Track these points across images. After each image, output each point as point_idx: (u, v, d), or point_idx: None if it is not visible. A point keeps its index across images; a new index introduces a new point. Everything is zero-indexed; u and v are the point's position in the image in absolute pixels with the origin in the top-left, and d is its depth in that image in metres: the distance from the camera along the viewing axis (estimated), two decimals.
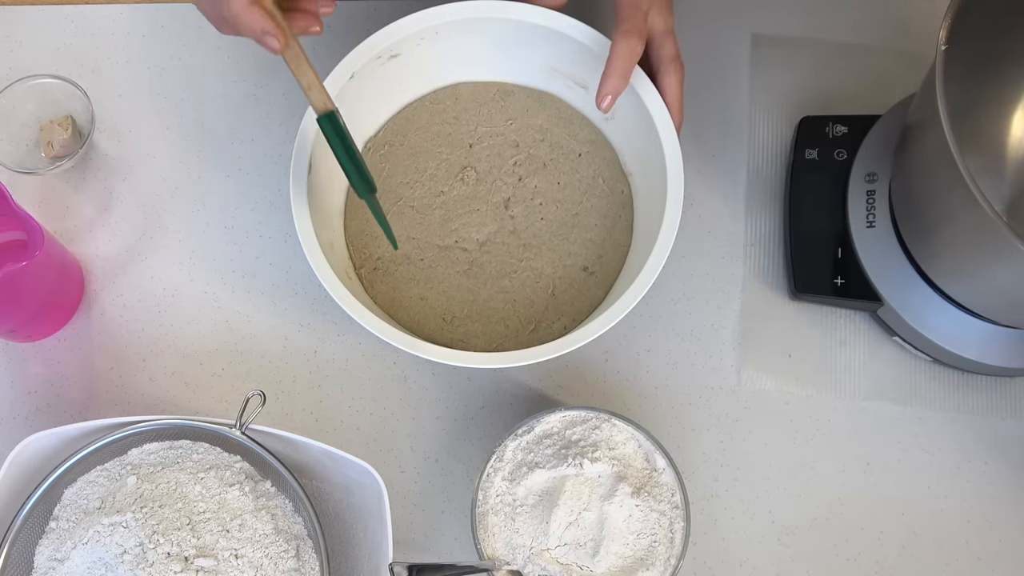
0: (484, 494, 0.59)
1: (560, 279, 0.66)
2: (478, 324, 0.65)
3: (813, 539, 0.64)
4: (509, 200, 0.67)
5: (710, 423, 0.66)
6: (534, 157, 0.68)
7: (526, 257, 0.66)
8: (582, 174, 0.68)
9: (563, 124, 0.69)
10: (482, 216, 0.67)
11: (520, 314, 0.66)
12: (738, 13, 0.74)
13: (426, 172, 0.68)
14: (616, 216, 0.67)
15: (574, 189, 0.67)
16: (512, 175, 0.68)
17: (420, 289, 0.66)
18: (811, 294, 0.66)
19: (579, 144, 0.68)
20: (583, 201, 0.67)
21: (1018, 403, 0.66)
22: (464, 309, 0.66)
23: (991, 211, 0.49)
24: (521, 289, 0.66)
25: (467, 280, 0.66)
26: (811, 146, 0.68)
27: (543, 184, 0.68)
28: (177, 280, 0.69)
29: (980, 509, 0.64)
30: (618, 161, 0.68)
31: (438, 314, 0.66)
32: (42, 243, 0.59)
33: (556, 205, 0.67)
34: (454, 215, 0.67)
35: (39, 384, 0.67)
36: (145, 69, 0.74)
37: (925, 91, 0.55)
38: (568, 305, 0.66)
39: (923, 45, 0.71)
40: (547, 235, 0.67)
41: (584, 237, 0.67)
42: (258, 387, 0.59)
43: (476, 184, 0.68)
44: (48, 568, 0.56)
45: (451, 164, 0.68)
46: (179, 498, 0.56)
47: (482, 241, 0.67)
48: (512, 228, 0.67)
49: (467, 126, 0.69)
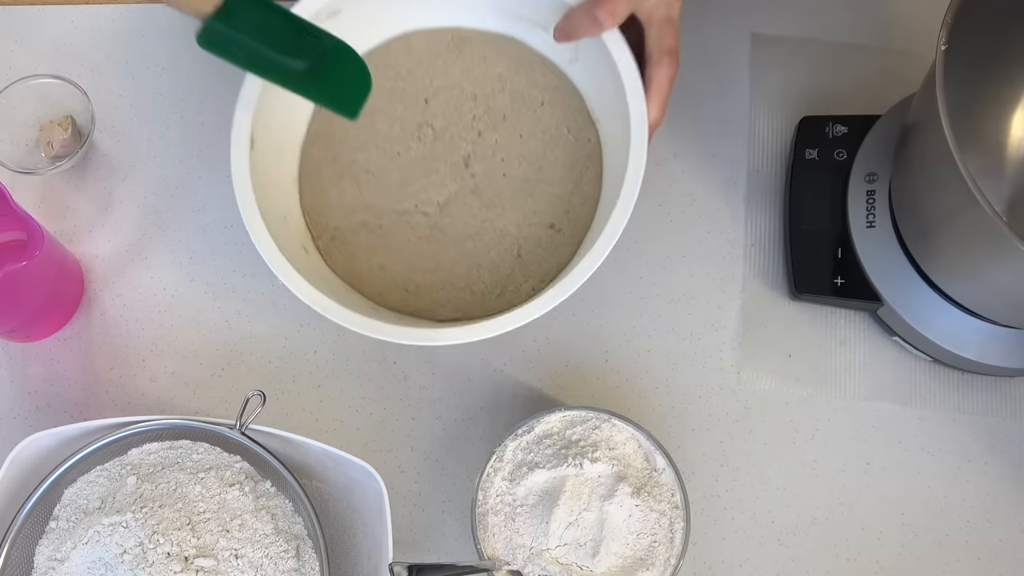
0: (484, 494, 0.59)
1: (526, 239, 0.62)
2: (442, 292, 0.62)
3: (813, 539, 0.64)
4: (469, 157, 0.63)
5: (710, 423, 0.66)
6: (493, 109, 0.64)
7: (489, 218, 0.62)
8: (545, 124, 0.63)
9: (524, 71, 0.64)
10: (441, 176, 0.63)
11: (485, 279, 0.62)
12: (738, 13, 0.74)
13: (380, 133, 0.64)
14: (583, 167, 0.63)
15: (537, 141, 0.63)
16: (471, 130, 0.63)
17: (380, 258, 0.62)
18: (811, 294, 0.66)
19: (541, 92, 0.64)
20: (547, 154, 0.63)
21: (1018, 403, 0.66)
22: (427, 277, 0.62)
23: (991, 211, 0.49)
24: (485, 252, 0.62)
25: (428, 246, 0.62)
26: (811, 146, 0.68)
27: (504, 138, 0.63)
28: (177, 280, 0.69)
29: (980, 509, 0.64)
30: (584, 107, 0.64)
31: (400, 284, 0.62)
32: (42, 243, 0.59)
33: (519, 160, 0.63)
34: (412, 177, 0.63)
35: (39, 384, 0.67)
36: (145, 69, 0.74)
37: (925, 91, 0.55)
38: (535, 266, 0.62)
39: (923, 45, 0.71)
40: (510, 193, 0.62)
41: (549, 192, 0.63)
42: (258, 387, 0.59)
43: (434, 142, 0.63)
44: (48, 568, 0.56)
45: (406, 122, 0.64)
46: (179, 498, 0.56)
47: (442, 203, 0.63)
48: (473, 187, 0.63)
49: (422, 80, 0.65)
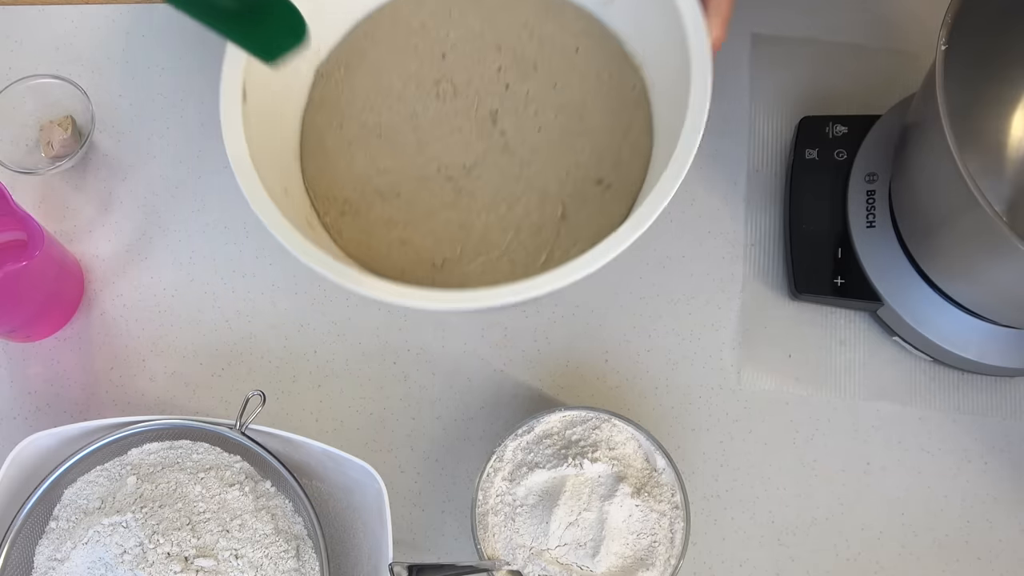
0: (484, 494, 0.58)
1: (570, 197, 0.56)
2: (476, 263, 0.55)
3: (813, 539, 0.64)
4: (496, 113, 0.57)
5: (710, 423, 0.66)
6: (522, 59, 0.57)
7: (525, 177, 0.56)
8: (583, 71, 0.57)
9: (552, 15, 0.58)
10: (466, 136, 0.57)
11: (526, 244, 0.55)
12: (738, 13, 0.73)
13: (392, 92, 0.58)
14: (630, 116, 0.56)
15: (575, 90, 0.57)
16: (497, 83, 0.57)
17: (400, 232, 0.56)
18: (811, 294, 0.66)
19: (574, 38, 0.58)
20: (587, 102, 0.57)
21: (1018, 403, 0.66)
22: (456, 248, 0.55)
23: (991, 211, 0.49)
24: (524, 216, 0.55)
25: (456, 213, 0.56)
26: (811, 146, 0.68)
27: (536, 89, 0.57)
28: (177, 280, 0.69)
29: (980, 509, 0.64)
30: (624, 52, 0.58)
31: (426, 259, 0.55)
32: (42, 243, 0.59)
33: (555, 111, 0.56)
34: (432, 139, 0.57)
35: (39, 384, 0.67)
36: (145, 69, 0.74)
37: (925, 91, 0.55)
38: (584, 227, 0.55)
39: (923, 45, 0.71)
40: (548, 147, 0.56)
41: (594, 144, 0.56)
42: (258, 387, 0.59)
43: (454, 99, 0.57)
44: (48, 568, 0.56)
45: (422, 79, 0.58)
46: (179, 498, 0.56)
47: (469, 165, 0.56)
48: (504, 145, 0.56)
49: (436, 33, 0.58)
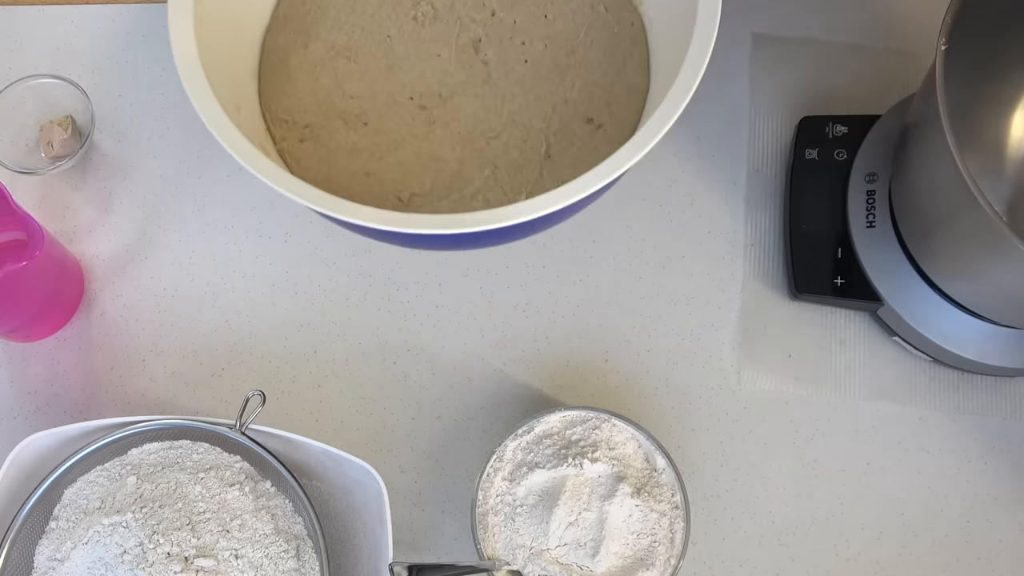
0: (484, 494, 0.58)
1: (556, 134, 0.52)
2: (447, 200, 0.51)
3: (813, 539, 0.64)
4: (480, 41, 0.53)
5: (710, 423, 0.66)
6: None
7: (507, 111, 0.52)
8: (576, 2, 0.53)
9: None
10: (444, 63, 0.53)
11: (504, 183, 0.51)
12: (738, 13, 0.74)
13: (365, 13, 0.54)
14: (626, 53, 0.53)
15: (567, 21, 0.53)
16: (482, 9, 0.54)
17: (363, 161, 0.52)
18: (811, 294, 0.66)
19: None
20: (580, 36, 0.53)
21: (1018, 403, 0.66)
22: (426, 182, 0.51)
23: (991, 211, 0.49)
24: (504, 151, 0.51)
25: (428, 144, 0.52)
26: (811, 146, 0.68)
27: (524, 18, 0.53)
28: (177, 280, 0.69)
29: (980, 509, 0.64)
30: None
31: (391, 193, 0.51)
32: (42, 243, 0.59)
33: (544, 43, 0.53)
34: (406, 64, 0.53)
35: (39, 384, 0.67)
36: (145, 69, 0.74)
37: (925, 91, 0.55)
38: (569, 167, 0.52)
39: (923, 45, 0.71)
40: (534, 80, 0.52)
41: (585, 79, 0.52)
42: (258, 387, 0.59)
43: (434, 23, 0.54)
44: (48, 568, 0.56)
45: (398, 0, 0.54)
46: (179, 498, 0.56)
47: (446, 95, 0.52)
48: (486, 75, 0.53)
49: None
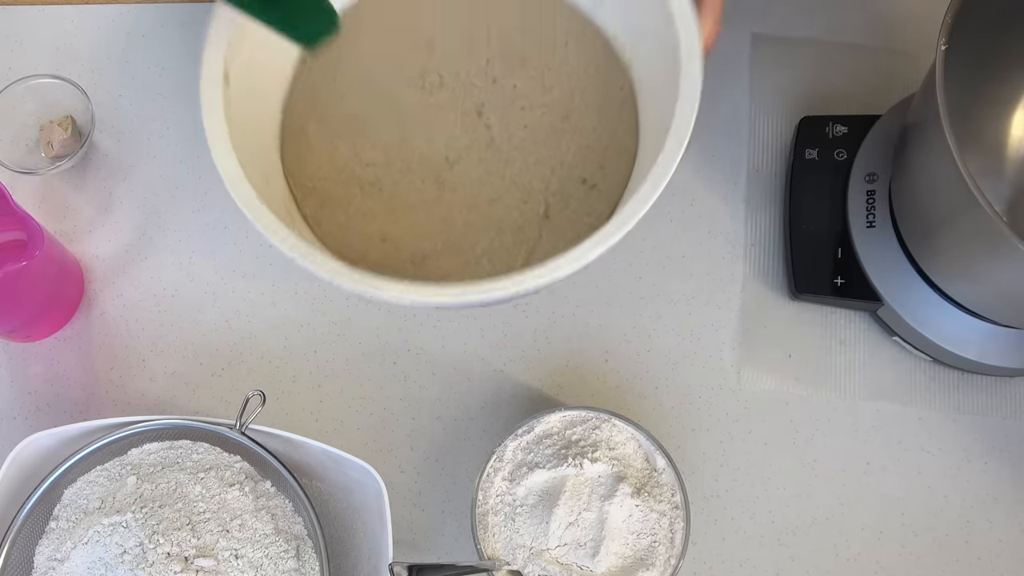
0: (484, 494, 0.58)
1: (554, 195, 0.54)
2: (456, 261, 0.54)
3: (813, 539, 0.64)
4: (483, 106, 0.56)
5: (710, 423, 0.66)
6: (510, 52, 0.56)
7: (509, 174, 0.55)
8: (571, 67, 0.56)
9: (543, 10, 0.57)
10: (450, 128, 0.56)
11: (507, 244, 0.54)
12: (738, 13, 0.74)
13: (377, 82, 0.57)
14: (617, 116, 0.56)
15: (563, 88, 0.56)
16: (484, 76, 0.56)
17: (380, 225, 0.54)
18: (811, 294, 0.66)
19: (564, 33, 0.57)
20: (575, 100, 0.56)
21: (1018, 403, 0.66)
22: (436, 245, 0.54)
23: (991, 211, 0.49)
24: (506, 213, 0.54)
25: (437, 209, 0.54)
26: (811, 146, 0.68)
27: (523, 84, 0.56)
28: (177, 280, 0.69)
29: (980, 509, 0.64)
30: (614, 52, 0.57)
31: (404, 255, 0.54)
32: (42, 243, 0.59)
33: (542, 108, 0.56)
34: (415, 131, 0.55)
35: (39, 384, 0.67)
36: (145, 69, 0.74)
37: (925, 91, 0.55)
38: (567, 227, 0.54)
39: (923, 45, 0.71)
40: (533, 145, 0.55)
41: (580, 143, 0.55)
42: (258, 387, 0.59)
43: (440, 91, 0.56)
44: (48, 568, 0.56)
45: (408, 69, 0.57)
46: (179, 498, 0.56)
47: (453, 159, 0.55)
48: (489, 140, 0.55)
49: (423, 21, 0.57)
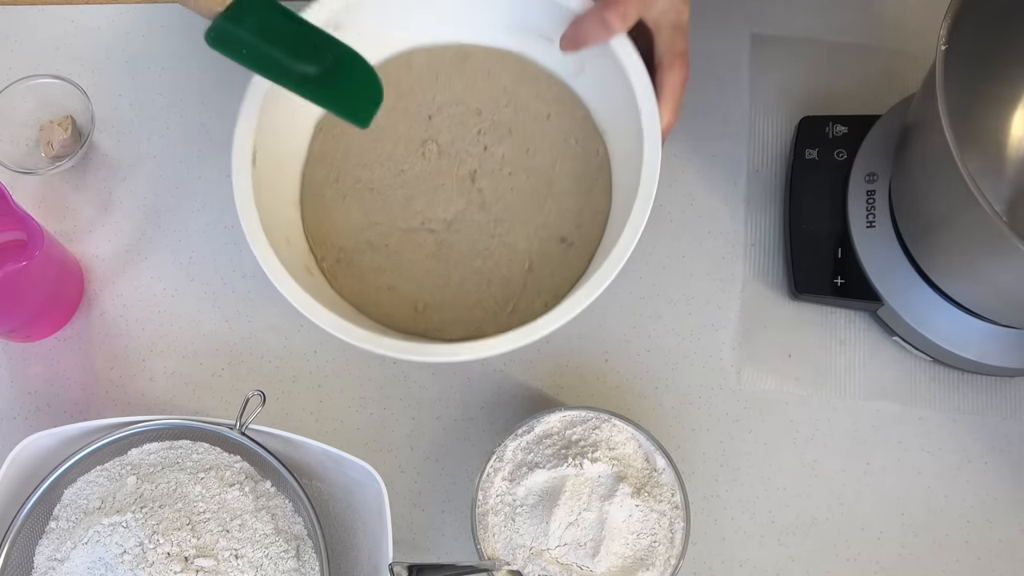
0: (484, 494, 0.58)
1: (536, 253, 0.62)
2: (453, 311, 0.61)
3: (813, 539, 0.64)
4: (475, 172, 0.63)
5: (710, 423, 0.66)
6: (499, 123, 0.64)
7: (498, 233, 0.62)
8: (553, 137, 0.63)
9: (528, 84, 0.64)
10: (448, 192, 0.63)
11: (496, 295, 0.61)
12: (738, 13, 0.74)
13: (384, 150, 0.64)
14: (592, 180, 0.63)
15: (545, 155, 0.63)
16: (477, 145, 0.63)
17: (388, 278, 0.62)
18: (811, 294, 0.66)
19: (547, 104, 0.64)
20: (556, 166, 0.63)
21: (1018, 403, 0.66)
22: (436, 296, 0.61)
23: (991, 211, 0.49)
24: (495, 268, 0.62)
25: (437, 264, 0.62)
26: (811, 146, 0.68)
27: (511, 152, 0.63)
28: (177, 280, 0.69)
29: (980, 509, 0.64)
30: (591, 119, 0.64)
31: (408, 304, 0.61)
32: (42, 243, 0.59)
33: (527, 173, 0.63)
34: (417, 194, 0.63)
35: (39, 384, 0.67)
36: (145, 69, 0.74)
37: (925, 91, 0.55)
38: (547, 280, 0.61)
39: (923, 45, 0.71)
40: (519, 207, 0.62)
41: (559, 206, 0.62)
42: (258, 387, 0.59)
43: (439, 158, 0.63)
44: (48, 568, 0.56)
45: (410, 139, 0.64)
46: (179, 498, 0.56)
47: (449, 220, 0.62)
48: (481, 203, 0.62)
49: (424, 96, 0.64)
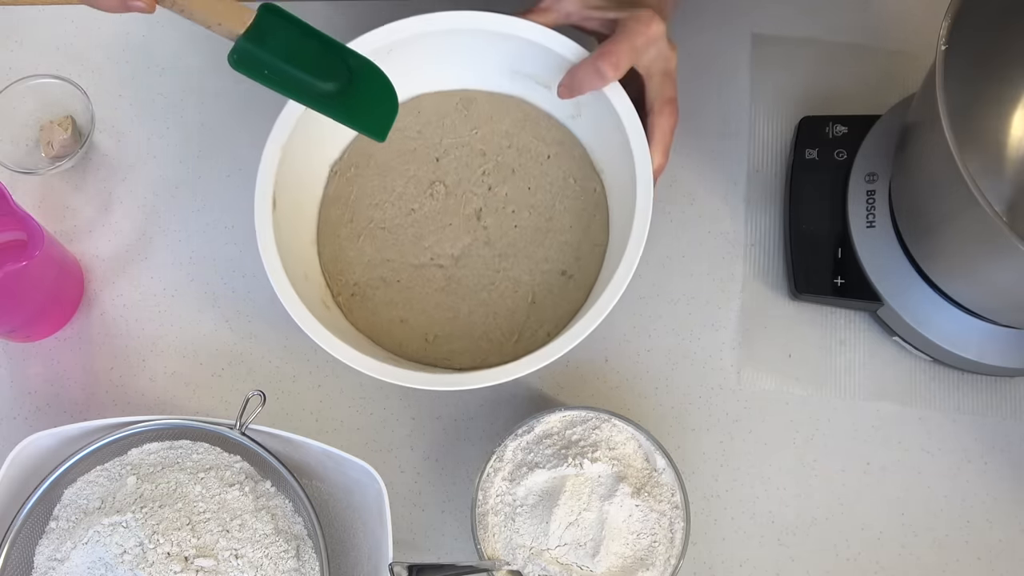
0: (484, 494, 0.58)
1: (539, 286, 0.65)
2: (461, 341, 0.65)
3: (813, 539, 0.64)
4: (481, 211, 0.67)
5: (710, 423, 0.66)
6: (502, 164, 0.68)
7: (503, 267, 0.66)
8: (552, 176, 0.67)
9: (529, 127, 0.68)
10: (455, 230, 0.67)
11: (502, 326, 0.65)
12: (738, 13, 0.74)
13: (395, 191, 0.68)
14: (591, 216, 0.67)
15: (545, 192, 0.67)
16: (482, 185, 0.67)
17: (400, 311, 0.66)
18: (811, 294, 0.66)
19: (547, 146, 0.68)
20: (556, 204, 0.67)
21: (1018, 403, 0.66)
22: (445, 327, 0.65)
23: (991, 211, 0.49)
24: (500, 300, 0.65)
25: (446, 297, 0.66)
26: (811, 146, 0.68)
27: (514, 191, 0.67)
28: (177, 280, 0.69)
29: (980, 509, 0.64)
30: (589, 158, 0.68)
31: (420, 335, 0.65)
32: (42, 243, 0.59)
33: (529, 211, 0.67)
34: (426, 232, 0.67)
35: (39, 384, 0.67)
36: (145, 69, 0.74)
37: (925, 91, 0.55)
38: (549, 311, 0.65)
39: (923, 45, 0.71)
40: (522, 242, 0.66)
41: (559, 240, 0.66)
42: (258, 387, 0.59)
43: (446, 198, 0.67)
44: (48, 568, 0.56)
45: (419, 180, 0.68)
46: (179, 498, 0.56)
47: (457, 256, 0.66)
48: (486, 239, 0.66)
49: (432, 139, 0.68)
